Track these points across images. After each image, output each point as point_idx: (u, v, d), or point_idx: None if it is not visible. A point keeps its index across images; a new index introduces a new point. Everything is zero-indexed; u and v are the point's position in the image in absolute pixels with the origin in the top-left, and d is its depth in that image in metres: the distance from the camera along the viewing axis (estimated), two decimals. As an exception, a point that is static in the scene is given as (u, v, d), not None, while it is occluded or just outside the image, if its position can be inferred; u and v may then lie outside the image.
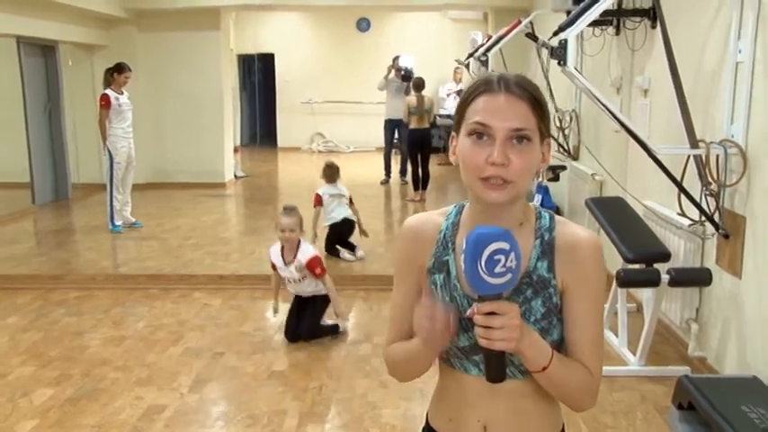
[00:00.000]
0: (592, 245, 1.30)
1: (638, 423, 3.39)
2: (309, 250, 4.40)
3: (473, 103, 1.25)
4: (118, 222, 7.28)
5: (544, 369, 1.24)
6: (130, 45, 9.71)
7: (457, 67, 12.96)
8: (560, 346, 1.32)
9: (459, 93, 12.65)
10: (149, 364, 4.14)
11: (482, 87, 1.24)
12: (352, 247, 6.33)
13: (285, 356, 4.27)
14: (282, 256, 4.41)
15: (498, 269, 1.12)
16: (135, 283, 5.63)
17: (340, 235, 6.30)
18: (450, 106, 12.28)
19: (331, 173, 6.29)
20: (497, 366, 1.21)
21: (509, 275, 1.14)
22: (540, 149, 1.26)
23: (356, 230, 6.34)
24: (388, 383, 3.88)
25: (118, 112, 7.18)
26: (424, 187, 9.39)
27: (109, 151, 7.20)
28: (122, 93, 7.26)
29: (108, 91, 7.17)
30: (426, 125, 9.44)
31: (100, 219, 7.60)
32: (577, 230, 1.32)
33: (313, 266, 4.36)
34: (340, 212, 6.20)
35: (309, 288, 4.48)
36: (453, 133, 1.31)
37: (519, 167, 1.21)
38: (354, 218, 6.27)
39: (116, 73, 7.22)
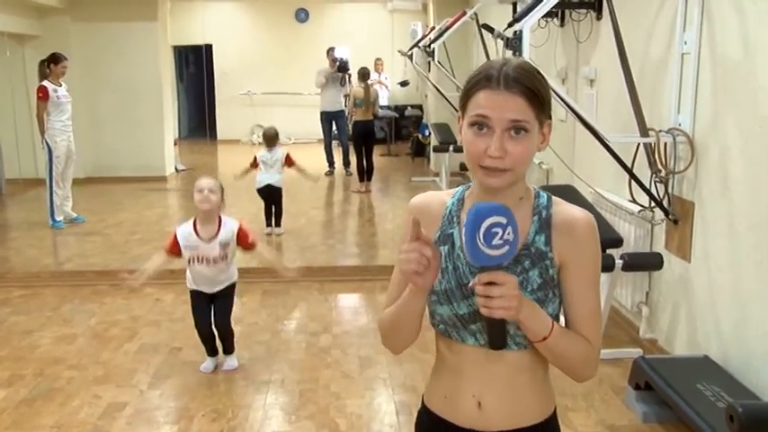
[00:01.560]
0: (587, 222, 1.37)
1: (597, 404, 3.51)
2: (234, 221, 3.81)
3: (475, 96, 1.31)
4: (59, 218, 7.06)
5: (545, 339, 1.31)
6: (64, 35, 9.39)
7: (377, 59, 13.05)
8: (556, 320, 1.36)
9: (380, 83, 12.75)
10: (105, 362, 4.05)
11: (483, 82, 1.31)
12: (278, 220, 6.90)
13: (245, 350, 4.23)
14: (197, 233, 3.72)
15: (496, 241, 1.19)
16: (82, 280, 5.47)
17: (266, 200, 6.85)
18: (381, 96, 12.31)
19: (269, 138, 6.81)
20: (498, 334, 1.28)
21: (506, 248, 1.20)
22: (538, 135, 1.33)
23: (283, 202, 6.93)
24: (350, 374, 3.91)
25: (56, 104, 6.93)
26: (369, 178, 9.42)
27: (47, 145, 6.95)
28: (60, 84, 7.02)
29: (45, 83, 6.92)
30: (371, 117, 9.47)
31: (38, 214, 7.35)
32: (573, 209, 1.39)
33: (245, 236, 3.76)
34: (264, 178, 6.74)
35: (223, 275, 3.81)
36: (459, 113, 1.38)
37: (516, 157, 1.29)
38: (280, 185, 6.81)
39: (52, 64, 6.97)
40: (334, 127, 10.52)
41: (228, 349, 4.01)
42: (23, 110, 9.27)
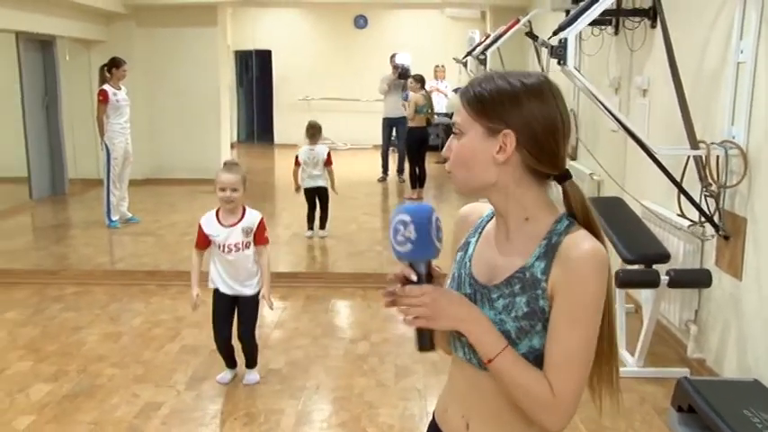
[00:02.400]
0: (588, 253, 1.22)
1: (638, 425, 3.39)
2: (257, 213, 3.76)
3: None
4: (114, 218, 7.25)
5: (489, 362, 1.24)
6: (128, 40, 9.67)
7: (437, 66, 12.96)
8: (543, 357, 1.27)
9: (437, 90, 12.67)
10: (146, 361, 4.12)
11: None
12: (323, 223, 6.92)
13: (282, 355, 4.25)
14: (219, 220, 3.68)
15: (399, 237, 1.25)
16: (132, 279, 5.61)
17: (310, 202, 6.88)
18: (438, 103, 12.25)
19: (313, 131, 6.74)
20: (421, 337, 1.29)
21: (409, 245, 1.24)
22: (482, 141, 1.28)
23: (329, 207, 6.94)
24: (385, 382, 3.87)
25: (116, 107, 7.16)
26: (421, 185, 9.38)
27: (106, 147, 7.18)
28: (120, 88, 7.24)
29: (106, 86, 7.15)
30: (425, 123, 9.46)
31: (97, 214, 7.57)
32: (585, 240, 1.25)
33: (263, 230, 3.71)
34: (308, 179, 6.78)
35: (246, 271, 3.71)
36: None
37: (452, 156, 1.32)
38: (325, 185, 6.79)
39: (113, 68, 7.20)
40: (393, 133, 10.55)
41: (251, 363, 3.88)
42: (86, 113, 9.58)
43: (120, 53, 7.72)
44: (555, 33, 3.80)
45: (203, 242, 3.73)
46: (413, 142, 9.44)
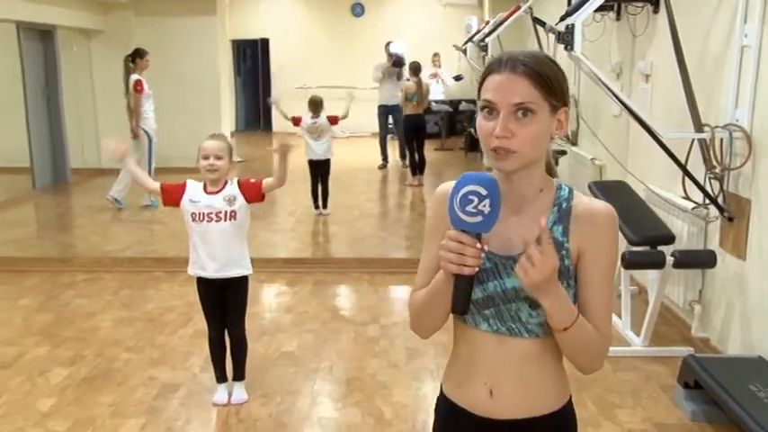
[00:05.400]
0: (608, 214, 1.38)
1: (645, 401, 3.47)
2: (235, 179, 3.40)
3: (485, 82, 1.36)
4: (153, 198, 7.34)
5: (566, 329, 1.33)
6: (128, 30, 9.67)
7: (435, 53, 12.97)
8: None
9: (434, 76, 12.69)
10: (160, 345, 4.19)
11: (492, 67, 1.35)
12: (325, 201, 7.27)
13: (294, 338, 4.33)
14: (204, 189, 3.33)
15: (470, 208, 1.25)
16: (141, 266, 5.66)
17: (315, 174, 7.25)
18: (435, 90, 12.26)
19: (314, 103, 7.14)
20: (458, 296, 1.32)
21: (479, 217, 1.25)
22: (549, 119, 1.34)
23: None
24: (397, 363, 3.95)
25: (148, 96, 7.56)
26: (421, 172, 9.44)
27: (147, 133, 7.54)
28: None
29: (139, 76, 7.45)
30: (421, 111, 9.50)
31: (102, 202, 7.62)
32: (594, 201, 1.41)
33: (247, 183, 3.37)
34: (313, 148, 7.17)
35: (232, 240, 3.34)
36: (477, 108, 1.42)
37: (522, 138, 1.31)
38: (328, 156, 7.24)
39: (138, 58, 7.51)
40: (390, 120, 10.59)
41: (240, 373, 3.56)
42: (88, 102, 9.61)
43: (119, 43, 7.81)
44: (562, 19, 3.86)
45: (175, 191, 3.34)
46: (408, 130, 9.50)
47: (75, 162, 9.60)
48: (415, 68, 9.52)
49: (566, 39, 3.80)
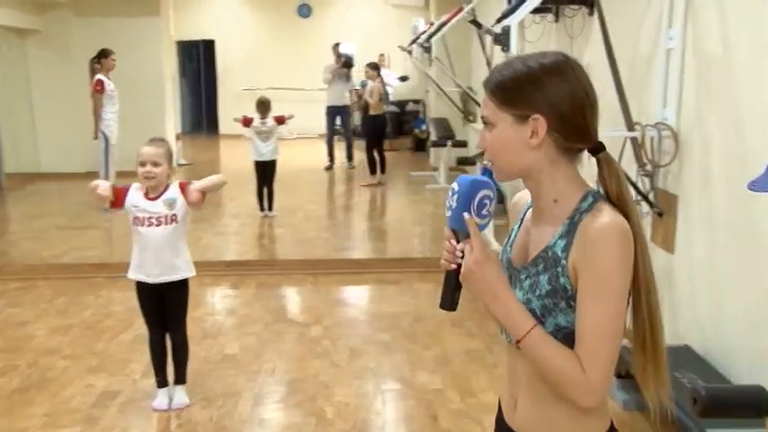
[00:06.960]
0: (606, 227, 1.23)
1: (580, 393, 3.55)
2: (176, 182, 3.40)
3: None
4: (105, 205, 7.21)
5: (518, 342, 1.27)
6: (66, 30, 9.44)
7: (381, 54, 13.03)
8: (571, 335, 1.27)
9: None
10: (99, 352, 4.12)
11: None
12: (270, 203, 7.24)
13: (236, 341, 4.30)
14: (144, 195, 3.33)
15: (484, 211, 1.30)
16: (79, 273, 5.54)
17: (261, 175, 7.22)
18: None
19: (262, 105, 7.18)
20: (446, 293, 1.33)
21: (487, 219, 1.31)
22: (515, 129, 1.30)
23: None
24: (339, 363, 3.96)
25: (110, 96, 7.38)
26: (383, 170, 9.45)
27: (104, 135, 7.37)
28: (110, 78, 7.39)
29: (101, 76, 7.29)
30: (382, 111, 9.59)
31: (37, 209, 7.46)
32: (605, 216, 1.25)
33: (184, 186, 3.34)
34: (260, 149, 7.15)
35: (172, 244, 3.34)
36: None
37: (489, 149, 1.35)
38: (274, 157, 7.23)
39: (102, 58, 7.40)
40: (338, 122, 10.60)
41: (181, 376, 3.53)
42: (23, 104, 9.34)
43: (58, 43, 7.63)
44: (498, 21, 3.94)
45: (117, 195, 3.32)
46: (375, 129, 9.55)
47: (9, 167, 9.32)
48: (377, 68, 9.62)
49: (502, 40, 3.88)
